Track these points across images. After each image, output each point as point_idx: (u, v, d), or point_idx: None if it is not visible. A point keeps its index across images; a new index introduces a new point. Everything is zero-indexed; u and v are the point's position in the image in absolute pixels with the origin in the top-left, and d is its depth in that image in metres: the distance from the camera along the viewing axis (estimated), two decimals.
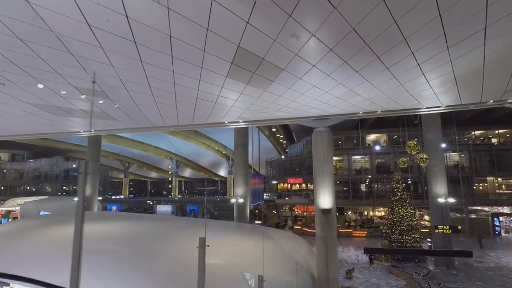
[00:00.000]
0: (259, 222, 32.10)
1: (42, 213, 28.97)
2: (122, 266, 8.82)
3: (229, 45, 5.28)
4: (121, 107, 9.18)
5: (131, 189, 68.16)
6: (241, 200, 20.52)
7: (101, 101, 7.81)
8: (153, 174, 71.27)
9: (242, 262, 9.23)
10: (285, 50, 5.61)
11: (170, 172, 62.85)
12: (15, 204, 36.79)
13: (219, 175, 68.18)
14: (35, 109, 8.87)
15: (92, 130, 14.41)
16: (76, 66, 5.71)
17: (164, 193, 74.85)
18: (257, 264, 7.42)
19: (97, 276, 8.30)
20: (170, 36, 4.87)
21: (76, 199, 25.20)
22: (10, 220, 30.07)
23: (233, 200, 21.06)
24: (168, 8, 4.12)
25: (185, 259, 7.86)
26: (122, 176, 60.99)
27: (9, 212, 33.96)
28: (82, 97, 7.35)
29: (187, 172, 68.49)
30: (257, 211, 37.84)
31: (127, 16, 4.27)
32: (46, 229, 12.21)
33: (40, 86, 6.79)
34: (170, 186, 65.27)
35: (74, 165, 49.86)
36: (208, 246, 4.03)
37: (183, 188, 75.93)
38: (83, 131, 14.30)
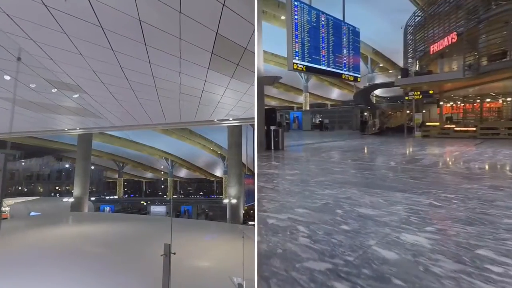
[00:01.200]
0: (253, 223, 31.61)
1: (32, 213, 28.27)
2: (102, 269, 8.33)
3: (206, 31, 4.81)
4: (101, 103, 8.69)
5: (126, 189, 67.25)
6: (234, 201, 20.01)
7: (75, 95, 7.32)
8: (148, 174, 70.40)
9: (224, 266, 8.75)
10: None
11: (162, 172, 62.07)
12: (5, 205, 35.97)
13: (215, 175, 67.52)
14: (8, 103, 8.33)
15: (78, 128, 13.87)
16: (40, 54, 5.22)
17: (160, 193, 73.93)
18: (239, 268, 6.96)
19: (76, 280, 7.83)
20: (140, 20, 4.40)
21: (65, 199, 24.60)
22: None
23: (225, 201, 20.56)
24: None
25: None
26: (116, 176, 60.13)
27: None
28: (53, 90, 6.86)
29: (183, 172, 67.69)
30: (252, 211, 37.36)
31: None
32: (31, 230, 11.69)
33: (7, 77, 6.28)
34: (162, 186, 64.42)
35: (67, 165, 49.05)
36: (174, 253, 3.55)
37: (178, 188, 75.17)
38: (68, 129, 13.76)
